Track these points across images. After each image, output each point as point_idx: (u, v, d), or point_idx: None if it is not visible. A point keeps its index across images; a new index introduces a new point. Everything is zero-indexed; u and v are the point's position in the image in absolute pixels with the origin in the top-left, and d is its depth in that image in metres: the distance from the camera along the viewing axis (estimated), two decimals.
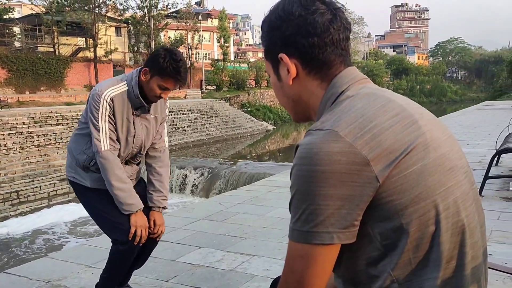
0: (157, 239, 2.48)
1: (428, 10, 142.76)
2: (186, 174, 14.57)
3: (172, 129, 24.56)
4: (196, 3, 58.65)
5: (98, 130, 2.22)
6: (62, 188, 14.92)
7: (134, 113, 2.31)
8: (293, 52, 0.98)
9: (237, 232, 3.88)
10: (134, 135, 2.33)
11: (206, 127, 27.32)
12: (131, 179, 2.41)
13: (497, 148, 5.28)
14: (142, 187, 2.50)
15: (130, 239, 2.26)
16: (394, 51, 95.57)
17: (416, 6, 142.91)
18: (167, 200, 2.47)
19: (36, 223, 12.37)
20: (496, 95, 43.35)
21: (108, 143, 2.23)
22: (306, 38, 0.96)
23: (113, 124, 2.26)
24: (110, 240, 2.38)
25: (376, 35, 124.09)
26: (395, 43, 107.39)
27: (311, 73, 0.99)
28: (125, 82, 2.29)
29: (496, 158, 6.04)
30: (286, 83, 1.01)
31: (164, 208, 2.46)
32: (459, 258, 0.88)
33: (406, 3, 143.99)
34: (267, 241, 3.63)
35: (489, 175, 4.83)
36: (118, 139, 2.29)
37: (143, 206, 2.34)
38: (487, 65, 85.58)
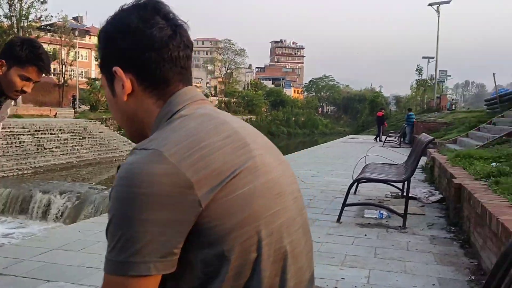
0: None
1: (303, 48, 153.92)
2: (50, 199, 13.37)
3: (37, 149, 22.54)
4: (74, 18, 55.55)
5: None
6: None
7: None
8: (128, 66, 0.92)
9: (94, 263, 3.58)
10: None
11: (78, 149, 25.57)
12: None
13: (353, 178, 5.73)
14: None
15: None
16: (273, 83, 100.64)
17: (293, 44, 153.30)
18: None
19: None
20: (359, 130, 47.76)
21: None
22: (143, 52, 0.91)
23: None
24: None
25: (256, 67, 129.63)
26: (274, 76, 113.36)
27: (147, 89, 0.93)
28: None
29: (354, 187, 6.55)
30: (121, 99, 0.94)
31: None
32: (281, 285, 0.87)
33: (285, 40, 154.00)
34: None
35: (347, 202, 5.19)
36: None
37: None
38: (353, 102, 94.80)
